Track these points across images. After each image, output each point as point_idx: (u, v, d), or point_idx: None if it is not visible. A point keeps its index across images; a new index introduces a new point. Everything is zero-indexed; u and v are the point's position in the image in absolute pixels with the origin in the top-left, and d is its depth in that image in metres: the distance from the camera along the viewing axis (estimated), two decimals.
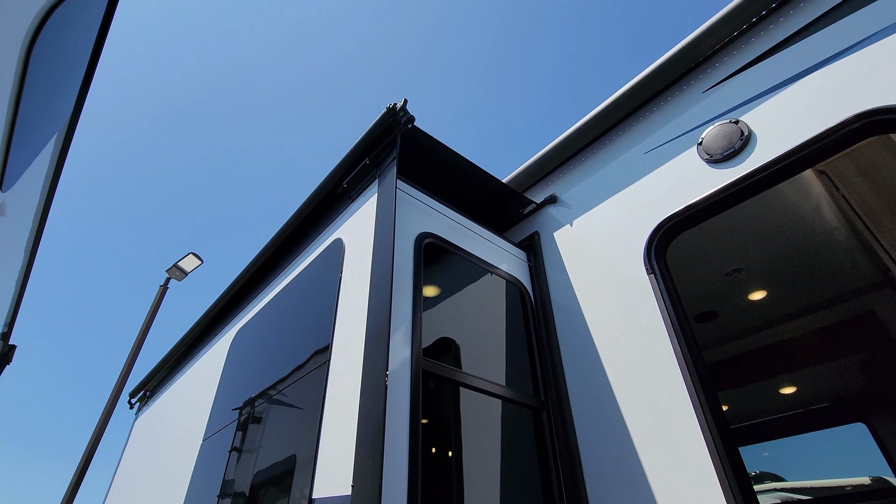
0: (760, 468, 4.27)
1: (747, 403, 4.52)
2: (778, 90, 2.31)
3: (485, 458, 2.59)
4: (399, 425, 1.87)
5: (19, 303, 4.17)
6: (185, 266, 8.50)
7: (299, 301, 2.89)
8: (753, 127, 2.33)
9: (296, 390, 2.45)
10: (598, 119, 3.03)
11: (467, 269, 2.91)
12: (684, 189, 2.47)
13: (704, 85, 2.65)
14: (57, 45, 2.06)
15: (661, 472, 2.04)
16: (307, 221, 3.23)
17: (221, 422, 3.05)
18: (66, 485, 6.30)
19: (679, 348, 2.15)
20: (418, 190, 2.71)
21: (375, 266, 2.19)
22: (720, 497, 1.81)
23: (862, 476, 3.71)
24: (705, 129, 2.52)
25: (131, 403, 6.19)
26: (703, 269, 3.92)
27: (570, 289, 2.81)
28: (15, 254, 3.47)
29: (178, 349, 4.97)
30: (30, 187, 2.85)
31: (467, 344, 2.97)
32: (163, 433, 4.38)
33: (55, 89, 2.41)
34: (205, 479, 2.91)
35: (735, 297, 4.14)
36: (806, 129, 2.13)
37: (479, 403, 2.78)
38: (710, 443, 1.91)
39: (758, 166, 2.23)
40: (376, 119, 2.60)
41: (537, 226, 3.24)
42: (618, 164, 2.93)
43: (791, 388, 4.35)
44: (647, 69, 2.82)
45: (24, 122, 2.06)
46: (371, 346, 1.95)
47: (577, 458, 2.33)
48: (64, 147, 2.89)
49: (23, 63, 1.78)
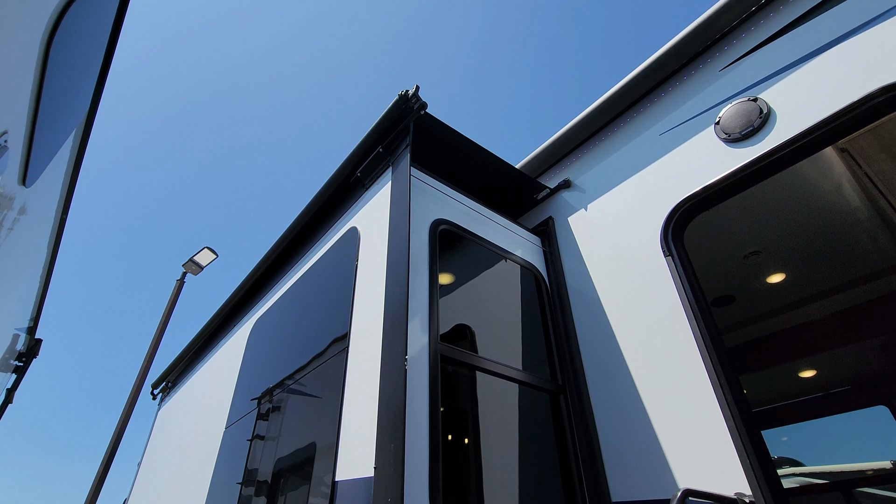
0: (779, 453, 4.24)
1: (765, 388, 4.49)
2: (798, 66, 2.25)
3: (503, 443, 2.60)
4: (419, 408, 1.89)
5: (44, 298, 4.27)
6: (201, 260, 8.61)
7: (316, 290, 2.92)
8: (773, 104, 2.28)
9: (315, 377, 2.49)
10: (612, 101, 2.99)
11: (482, 256, 2.91)
12: (702, 170, 2.43)
13: (721, 63, 2.60)
14: (73, 43, 2.09)
15: (682, 455, 2.04)
16: (322, 211, 3.25)
17: (243, 410, 3.11)
18: (93, 475, 6.47)
19: (699, 331, 2.13)
20: (432, 177, 2.71)
21: (391, 253, 2.20)
22: (742, 480, 1.80)
23: (884, 460, 3.66)
24: (723, 108, 2.47)
25: (154, 394, 6.33)
26: (719, 253, 3.87)
27: (586, 273, 2.79)
28: (38, 250, 3.55)
29: (198, 340, 5.05)
30: (51, 184, 2.90)
31: (483, 330, 2.98)
32: (186, 422, 4.48)
33: (73, 86, 2.44)
34: (228, 466, 2.97)
35: (753, 281, 4.08)
36: (827, 104, 2.08)
37: (497, 389, 2.79)
38: (731, 425, 1.90)
39: (777, 144, 2.18)
40: (388, 107, 2.59)
41: (551, 211, 3.22)
42: (633, 146, 2.89)
43: (811, 372, 4.30)
44: (663, 48, 2.78)
45: (44, 120, 2.10)
46: (389, 331, 1.97)
47: (595, 441, 2.33)
48: (82, 143, 2.94)
49: (42, 62, 1.81)
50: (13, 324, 4.07)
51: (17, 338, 4.49)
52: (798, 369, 4.36)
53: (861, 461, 3.80)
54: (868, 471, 3.71)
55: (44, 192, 2.78)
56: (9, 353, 4.46)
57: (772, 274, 4.03)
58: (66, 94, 2.35)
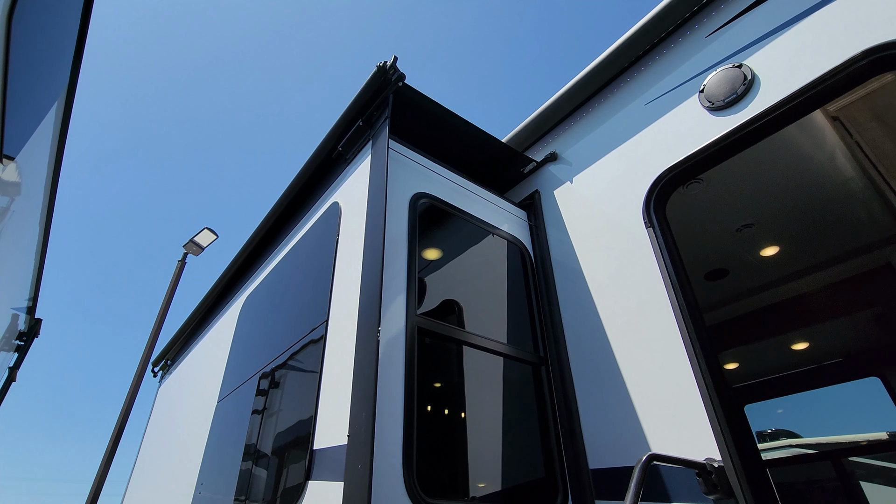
0: (775, 426, 4.26)
1: (759, 360, 4.49)
2: (782, 30, 2.19)
3: (486, 414, 2.64)
4: (394, 380, 1.92)
5: (40, 276, 4.31)
6: (201, 241, 8.66)
7: (300, 266, 2.93)
8: (757, 70, 2.23)
9: (298, 351, 2.52)
10: (598, 71, 2.93)
11: (468, 231, 2.91)
12: (684, 139, 2.39)
13: (708, 29, 2.53)
14: (41, 10, 2.06)
15: (659, 425, 2.06)
16: (306, 187, 3.25)
17: (233, 384, 3.16)
18: (102, 452, 6.65)
19: (678, 303, 2.13)
20: (413, 150, 2.68)
21: (368, 227, 2.19)
22: (716, 453, 1.82)
23: (879, 431, 3.68)
24: (708, 76, 2.42)
25: (154, 372, 6.45)
26: (712, 226, 3.83)
27: (570, 246, 2.78)
28: (31, 227, 3.57)
29: (194, 318, 5.12)
30: (36, 159, 2.89)
31: (470, 305, 2.99)
32: (183, 398, 4.58)
33: (48, 58, 2.41)
34: (219, 437, 3.04)
35: (746, 254, 4.05)
36: (811, 69, 2.03)
37: (481, 361, 2.82)
38: (705, 395, 1.91)
39: (761, 111, 2.14)
40: (367, 79, 2.56)
41: (538, 184, 3.20)
42: (619, 117, 2.84)
43: (804, 344, 4.29)
44: (648, 14, 2.70)
45: (16, 93, 2.08)
46: (364, 304, 1.98)
47: (575, 411, 2.36)
48: (65, 116, 2.92)
49: (4, 35, 1.78)
50: (11, 303, 4.13)
51: (17, 317, 4.57)
52: (791, 342, 4.36)
53: (856, 432, 3.81)
54: (863, 441, 3.73)
55: (29, 168, 2.78)
56: (9, 332, 4.54)
57: (765, 247, 3.99)
58: (41, 64, 2.32)
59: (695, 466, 1.77)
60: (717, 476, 1.73)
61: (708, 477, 1.74)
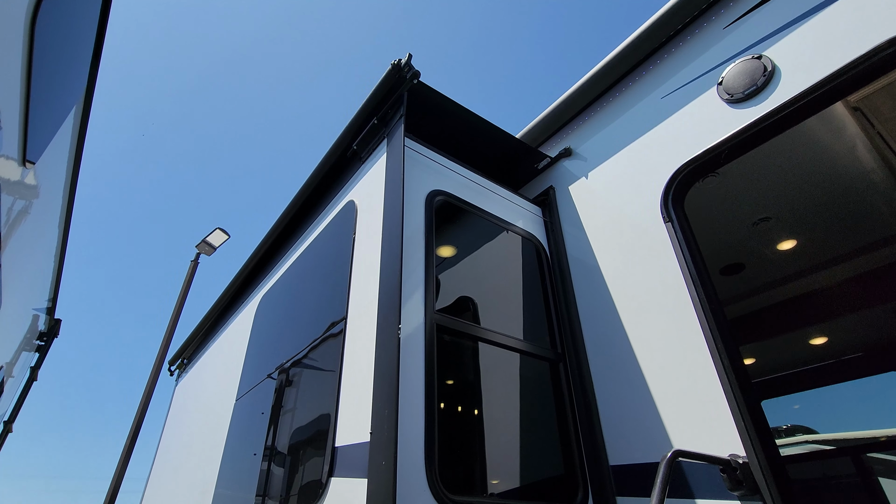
0: (791, 421, 4.21)
1: (777, 355, 4.44)
2: (803, 20, 2.15)
3: (505, 410, 2.64)
4: (415, 376, 1.92)
5: (59, 278, 4.38)
6: (214, 241, 8.74)
7: (317, 264, 2.95)
8: (777, 61, 2.19)
9: (317, 350, 2.53)
10: (612, 65, 2.90)
11: (483, 228, 2.90)
12: (703, 133, 2.36)
13: (725, 20, 2.50)
14: (61, 17, 2.08)
15: (680, 421, 2.04)
16: (321, 186, 3.26)
17: (251, 382, 3.19)
18: (120, 450, 6.75)
19: (698, 298, 2.11)
20: (428, 148, 2.68)
21: (386, 225, 2.20)
22: (739, 444, 1.80)
23: None
24: (726, 68, 2.39)
25: (171, 371, 6.52)
26: (728, 220, 3.79)
27: (586, 242, 2.77)
28: (50, 230, 3.62)
29: (210, 318, 5.17)
30: (55, 162, 2.93)
31: (485, 302, 2.99)
32: (200, 396, 4.63)
33: (67, 63, 2.44)
34: (239, 435, 3.07)
35: (763, 248, 4.00)
36: (834, 59, 1.99)
37: (498, 358, 2.82)
38: (728, 391, 1.89)
39: (781, 103, 2.11)
40: (382, 77, 2.56)
41: (552, 180, 3.18)
42: (635, 111, 2.82)
43: (822, 339, 4.24)
44: (664, 7, 2.67)
45: (38, 98, 2.11)
46: (384, 303, 1.99)
47: (594, 408, 2.35)
48: (83, 120, 2.95)
49: (28, 39, 1.80)
50: (32, 305, 4.19)
51: (38, 318, 4.64)
52: (809, 336, 4.30)
53: (875, 428, 3.76)
54: (881, 437, 3.68)
55: (49, 172, 2.82)
56: (31, 333, 4.62)
57: (782, 240, 3.94)
58: (61, 70, 2.35)
59: (719, 463, 1.75)
60: (742, 472, 1.71)
61: (733, 473, 1.73)
